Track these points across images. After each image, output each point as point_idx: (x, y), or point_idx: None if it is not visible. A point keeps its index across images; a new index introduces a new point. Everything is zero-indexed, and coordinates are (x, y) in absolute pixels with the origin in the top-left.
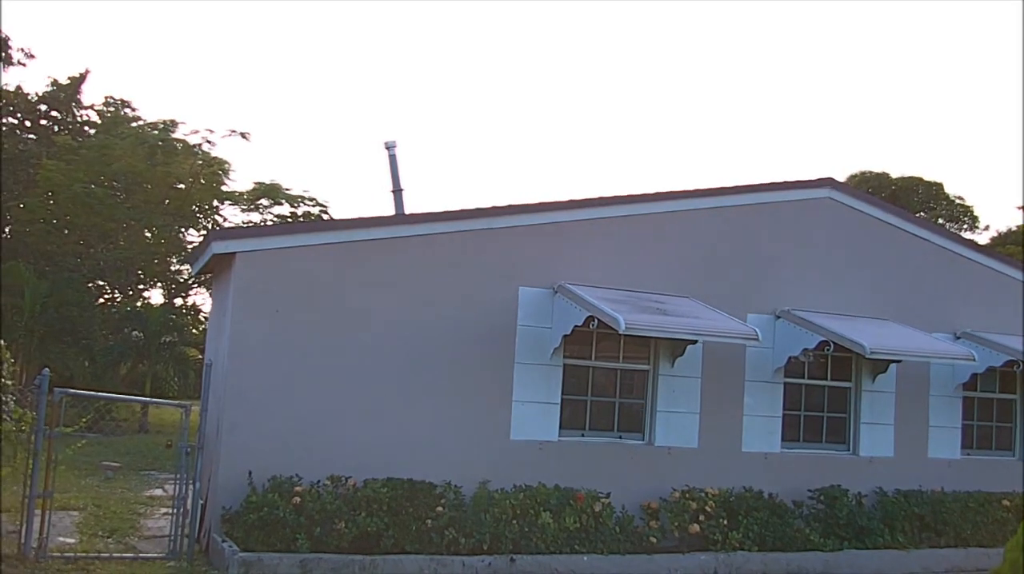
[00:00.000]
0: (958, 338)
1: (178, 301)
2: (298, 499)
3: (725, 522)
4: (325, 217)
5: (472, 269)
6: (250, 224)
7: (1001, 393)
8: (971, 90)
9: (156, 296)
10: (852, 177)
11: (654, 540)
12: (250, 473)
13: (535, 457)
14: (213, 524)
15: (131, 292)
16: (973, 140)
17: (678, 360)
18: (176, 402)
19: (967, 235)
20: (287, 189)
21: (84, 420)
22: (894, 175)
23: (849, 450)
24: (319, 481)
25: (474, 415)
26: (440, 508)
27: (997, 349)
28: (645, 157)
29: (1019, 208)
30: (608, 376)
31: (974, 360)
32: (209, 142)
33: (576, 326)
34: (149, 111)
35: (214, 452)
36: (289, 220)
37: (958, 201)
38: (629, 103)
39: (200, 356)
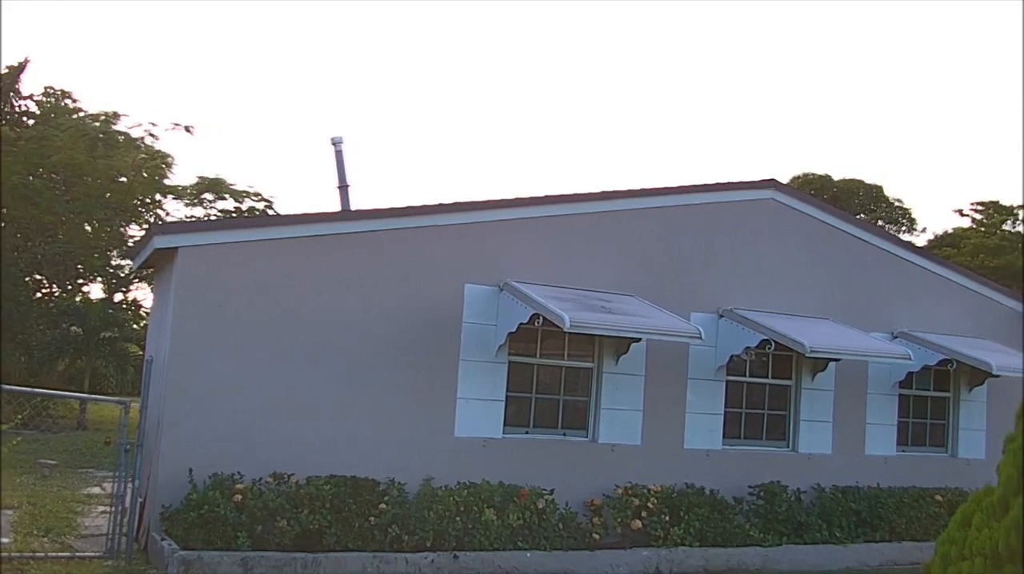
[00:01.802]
0: (895, 338)
1: (118, 296)
2: (239, 497)
3: (667, 518)
4: (271, 213)
5: (418, 266)
6: (193, 219)
7: (936, 391)
8: (910, 95)
9: (96, 291)
10: (795, 179)
11: (597, 536)
12: (191, 471)
13: (479, 454)
14: (152, 522)
15: (70, 287)
16: (912, 144)
17: (622, 358)
18: (115, 399)
19: (906, 237)
20: (232, 184)
21: (20, 417)
22: (836, 177)
23: (789, 447)
24: (261, 478)
25: (419, 412)
26: (383, 505)
27: (932, 348)
28: (593, 157)
29: (956, 211)
30: (553, 373)
31: (910, 359)
32: (152, 135)
33: (521, 324)
34: (90, 103)
35: (154, 449)
36: (234, 215)
37: (897, 203)
38: (577, 103)
39: (141, 352)
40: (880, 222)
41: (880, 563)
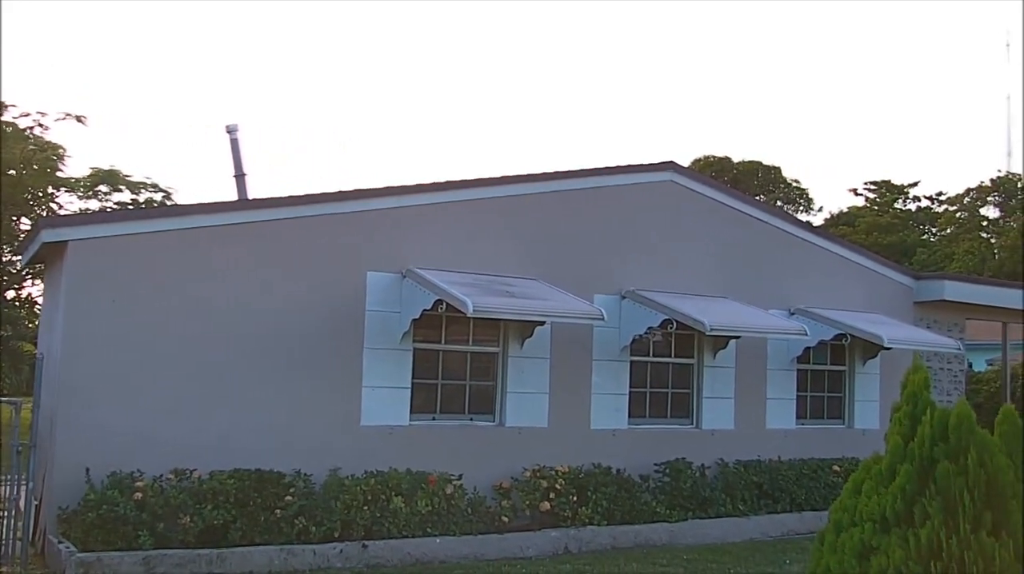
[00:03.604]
0: (793, 314)
1: (11, 293)
2: (140, 495)
3: (575, 498)
4: (169, 203)
5: (319, 255)
6: (88, 211)
7: (832, 365)
8: (806, 78)
9: None
10: (696, 161)
11: (506, 519)
12: (87, 470)
13: (386, 442)
14: (49, 525)
15: None
16: (808, 126)
17: (527, 341)
18: (6, 398)
19: (803, 216)
20: (127, 175)
21: None
22: (736, 159)
23: (693, 424)
24: (162, 475)
25: (323, 402)
26: (289, 497)
27: (828, 324)
28: (495, 143)
29: (850, 191)
30: (458, 359)
31: (807, 335)
32: (42, 126)
33: (425, 310)
34: None
35: (48, 450)
36: (130, 207)
37: (795, 184)
38: (478, 88)
39: (36, 351)
40: (778, 202)
41: (782, 533)
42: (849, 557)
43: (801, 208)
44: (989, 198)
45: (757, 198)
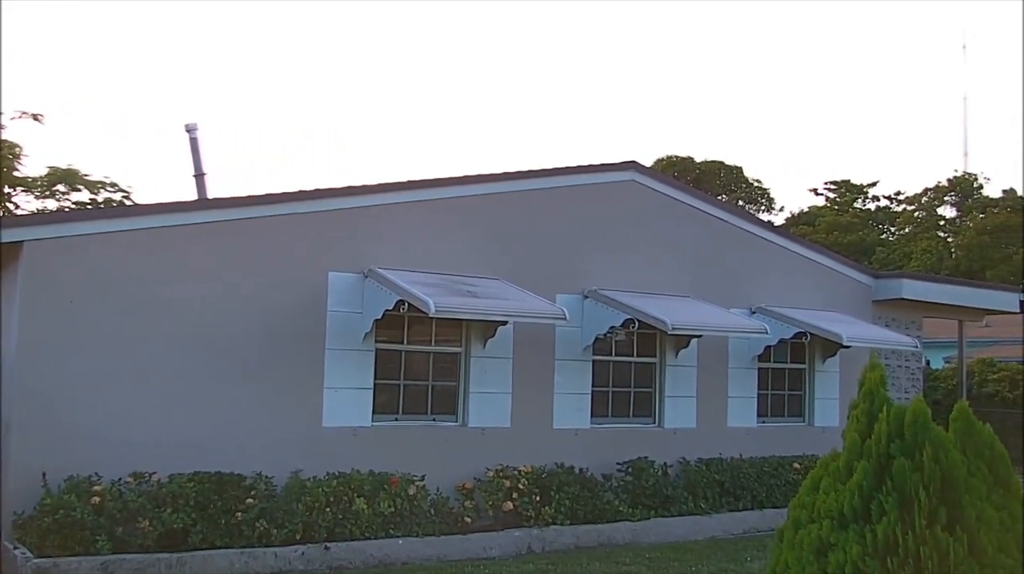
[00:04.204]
0: (753, 313)
1: None
2: (97, 499)
3: (538, 498)
4: (128, 203)
5: (279, 255)
6: (45, 211)
7: (792, 363)
8: (768, 79)
9: None
10: (659, 161)
11: (469, 520)
12: (44, 474)
13: (348, 443)
14: (4, 531)
15: None
16: (770, 127)
17: (490, 341)
18: None
19: (764, 216)
20: (86, 175)
21: None
22: (698, 159)
23: (655, 423)
24: (121, 479)
25: (285, 403)
26: (250, 500)
27: (788, 322)
28: (458, 143)
29: (811, 190)
30: (421, 359)
31: (767, 333)
32: None
33: (387, 310)
34: None
35: (2, 454)
36: (89, 207)
37: (756, 184)
38: (441, 89)
39: None
40: (740, 202)
41: (744, 531)
42: (807, 553)
43: (762, 208)
44: (946, 198)
45: (719, 198)
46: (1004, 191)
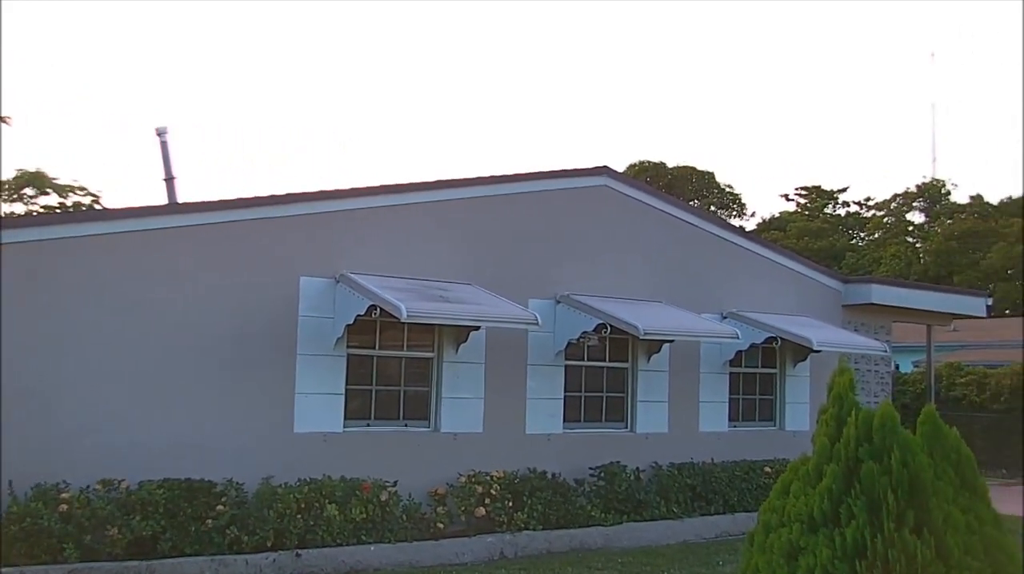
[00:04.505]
0: (725, 318)
1: None
2: (65, 506)
3: (510, 504)
4: (97, 207)
5: (251, 260)
6: (12, 215)
7: (763, 368)
8: (740, 85)
9: None
10: (632, 166)
11: (441, 525)
12: (10, 482)
13: (320, 449)
14: None
15: None
16: (742, 132)
17: (462, 346)
18: None
19: (736, 221)
20: (54, 178)
21: None
22: (670, 164)
23: (627, 428)
24: (89, 486)
25: (256, 409)
26: (221, 507)
27: (759, 327)
28: (433, 148)
29: (782, 196)
30: (393, 365)
31: (738, 338)
32: None
33: (359, 315)
34: None
35: None
36: (57, 211)
37: (728, 189)
38: (415, 94)
39: None
40: (712, 207)
41: (716, 535)
42: (778, 557)
43: (734, 213)
44: (915, 204)
45: (691, 203)
46: (971, 197)
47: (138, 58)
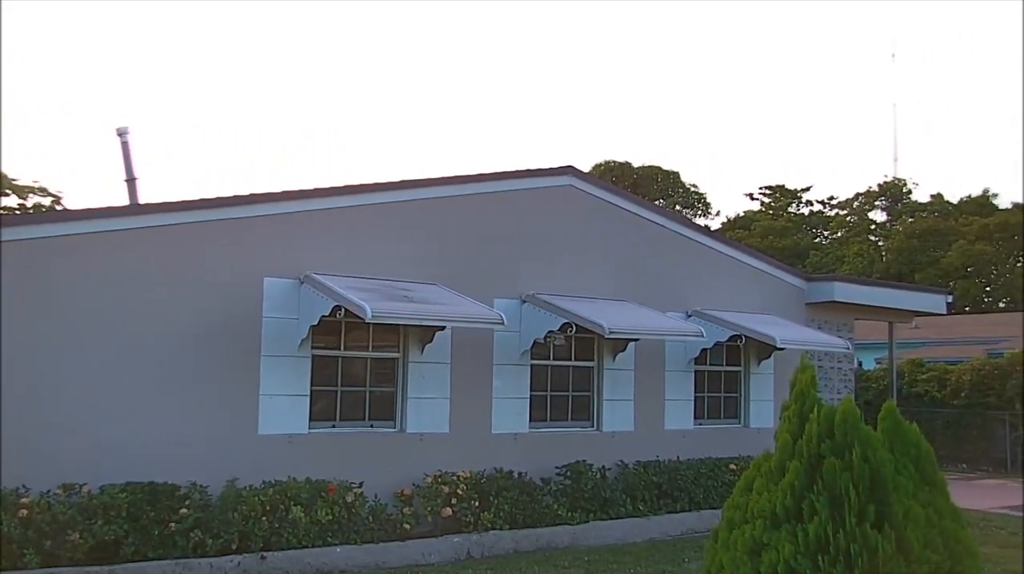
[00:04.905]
0: (690, 316)
1: None
2: (25, 511)
3: (477, 504)
4: (59, 208)
5: (213, 261)
6: None
7: (728, 365)
8: (706, 85)
9: None
10: (597, 166)
11: (408, 526)
12: None
13: (285, 451)
14: None
15: None
16: (707, 132)
17: (427, 347)
18: None
19: (701, 220)
20: (14, 179)
21: None
22: (636, 164)
23: (593, 426)
24: (49, 491)
25: (220, 411)
26: (184, 510)
27: (723, 325)
28: (399, 148)
29: (747, 195)
30: (358, 365)
31: (703, 336)
32: None
33: (323, 316)
34: None
35: None
36: (17, 212)
37: (693, 189)
38: (380, 93)
39: None
40: (677, 207)
41: (681, 532)
42: (741, 553)
43: (699, 212)
44: (877, 202)
45: (656, 202)
46: (932, 196)
47: (101, 57)
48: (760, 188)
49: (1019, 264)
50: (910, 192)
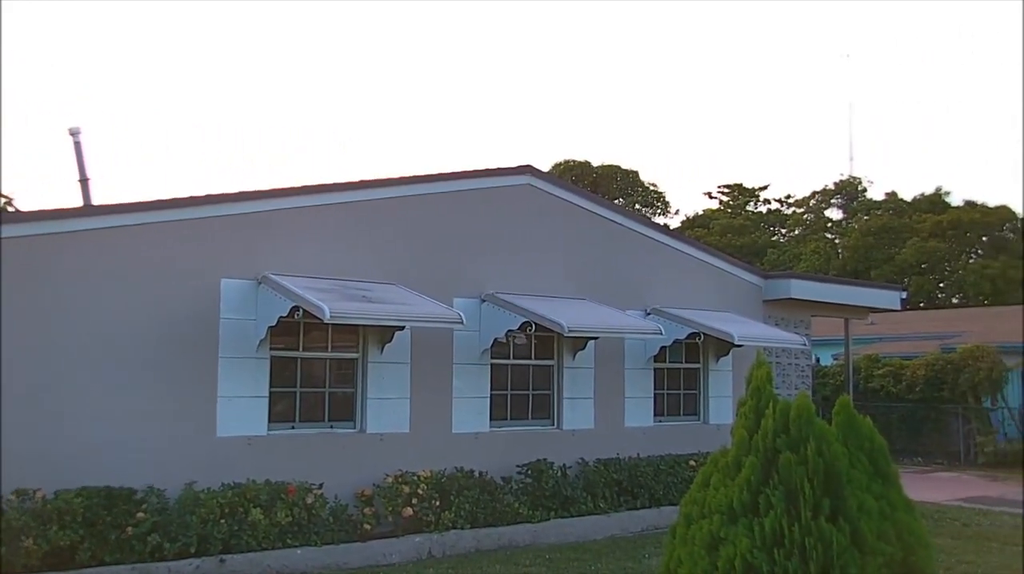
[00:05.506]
0: (648, 314)
1: None
2: None
3: (438, 503)
4: (11, 210)
5: (170, 262)
6: None
7: (687, 363)
8: (664, 84)
9: None
10: (557, 165)
11: (368, 527)
12: None
13: (244, 453)
14: None
15: None
16: (666, 131)
17: (387, 347)
18: None
19: (661, 219)
20: None
21: None
22: (595, 163)
23: (554, 425)
24: (2, 497)
25: (177, 414)
26: (141, 514)
27: (682, 323)
28: (357, 148)
29: (705, 194)
30: (317, 366)
31: (662, 334)
32: None
33: (281, 317)
34: None
35: None
36: None
37: (652, 188)
38: (339, 93)
39: None
40: (637, 205)
41: (642, 529)
42: (699, 548)
43: (658, 211)
44: (833, 200)
45: (616, 202)
46: (886, 194)
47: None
48: (718, 187)
49: (971, 261)
50: (865, 190)
